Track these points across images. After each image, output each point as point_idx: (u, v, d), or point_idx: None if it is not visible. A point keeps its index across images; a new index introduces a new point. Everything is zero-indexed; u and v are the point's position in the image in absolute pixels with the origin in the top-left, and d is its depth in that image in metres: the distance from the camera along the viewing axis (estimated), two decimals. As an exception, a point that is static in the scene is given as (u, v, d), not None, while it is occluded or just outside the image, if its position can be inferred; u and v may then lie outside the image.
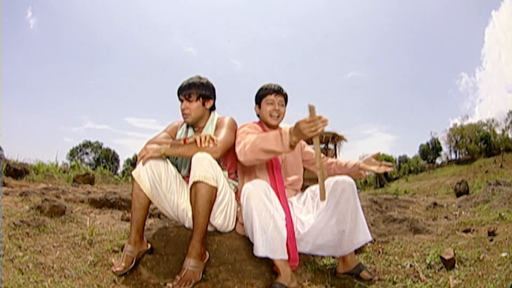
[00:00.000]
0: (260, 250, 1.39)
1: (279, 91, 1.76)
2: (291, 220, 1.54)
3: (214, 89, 1.83)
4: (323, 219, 1.51)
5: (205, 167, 1.48)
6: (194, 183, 1.47)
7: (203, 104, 1.78)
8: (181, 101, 1.78)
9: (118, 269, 1.51)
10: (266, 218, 1.40)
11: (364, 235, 1.52)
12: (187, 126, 1.87)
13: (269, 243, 1.39)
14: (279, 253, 1.41)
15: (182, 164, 1.78)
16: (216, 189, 1.51)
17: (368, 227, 2.42)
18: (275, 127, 1.78)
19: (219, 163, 1.60)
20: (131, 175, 1.60)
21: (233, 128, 1.74)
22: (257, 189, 1.43)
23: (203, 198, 1.46)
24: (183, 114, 1.78)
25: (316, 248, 1.54)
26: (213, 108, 1.86)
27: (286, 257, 1.43)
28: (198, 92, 1.75)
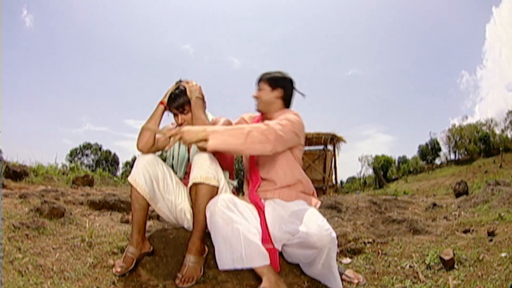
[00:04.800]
0: (226, 264, 1.35)
1: (258, 81, 1.77)
2: (265, 224, 1.48)
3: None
4: (293, 251, 1.44)
5: (206, 167, 1.48)
6: (195, 184, 1.47)
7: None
8: (175, 115, 1.73)
9: (118, 269, 1.51)
10: (234, 230, 1.34)
11: (335, 284, 1.43)
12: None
13: (239, 254, 1.33)
14: (258, 261, 1.35)
15: (178, 166, 1.78)
16: (217, 188, 1.51)
17: (367, 228, 2.44)
18: (263, 113, 1.78)
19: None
20: (128, 181, 1.61)
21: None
22: (218, 205, 1.37)
23: (204, 197, 1.46)
24: (180, 126, 1.71)
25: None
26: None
27: (267, 262, 1.37)
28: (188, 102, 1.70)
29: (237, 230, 1.34)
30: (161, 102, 1.70)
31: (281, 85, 1.72)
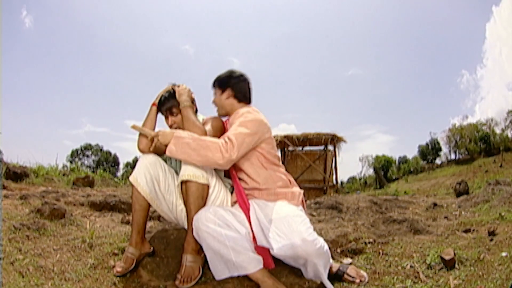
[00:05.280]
0: (222, 274, 1.39)
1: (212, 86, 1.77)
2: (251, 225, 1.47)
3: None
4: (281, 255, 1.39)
5: (192, 165, 1.47)
6: (184, 182, 1.47)
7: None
8: (166, 117, 1.75)
9: (118, 269, 1.52)
10: (221, 243, 1.36)
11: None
12: None
13: (231, 264, 1.36)
14: (251, 267, 1.38)
15: (179, 166, 1.78)
16: (207, 186, 1.50)
17: (368, 228, 2.44)
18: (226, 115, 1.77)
19: None
20: (129, 181, 1.61)
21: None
22: (203, 220, 1.38)
23: (194, 195, 1.46)
24: (170, 127, 1.73)
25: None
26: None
27: (260, 266, 1.39)
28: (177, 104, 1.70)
29: (224, 243, 1.36)
30: (153, 104, 1.74)
31: (229, 85, 1.70)
